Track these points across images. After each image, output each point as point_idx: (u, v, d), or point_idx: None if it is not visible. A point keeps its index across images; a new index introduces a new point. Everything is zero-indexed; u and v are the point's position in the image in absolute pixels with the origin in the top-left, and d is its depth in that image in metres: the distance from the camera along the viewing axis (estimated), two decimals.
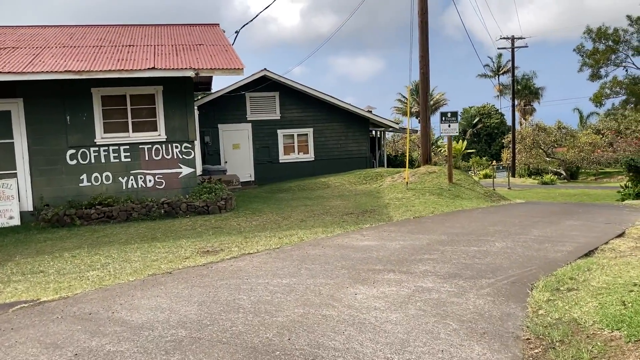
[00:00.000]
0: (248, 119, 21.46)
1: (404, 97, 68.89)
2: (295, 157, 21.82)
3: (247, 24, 57.11)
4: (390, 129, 25.55)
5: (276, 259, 7.02)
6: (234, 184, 16.27)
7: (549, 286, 4.93)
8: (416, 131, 36.39)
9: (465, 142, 21.13)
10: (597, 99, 18.65)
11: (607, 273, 5.40)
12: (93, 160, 12.29)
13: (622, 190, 18.07)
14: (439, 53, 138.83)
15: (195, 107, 17.29)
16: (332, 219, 10.65)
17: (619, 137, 48.60)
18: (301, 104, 21.79)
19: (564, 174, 43.26)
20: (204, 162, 20.58)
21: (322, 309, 4.62)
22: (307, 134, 21.86)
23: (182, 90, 12.54)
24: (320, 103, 21.87)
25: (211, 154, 21.27)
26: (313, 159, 21.94)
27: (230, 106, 21.25)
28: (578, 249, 6.86)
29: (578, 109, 57.22)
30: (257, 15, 45.50)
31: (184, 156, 12.67)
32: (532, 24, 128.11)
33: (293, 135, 21.73)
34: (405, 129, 31.93)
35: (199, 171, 15.90)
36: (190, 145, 12.71)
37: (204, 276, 6.27)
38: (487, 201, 13.57)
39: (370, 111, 23.63)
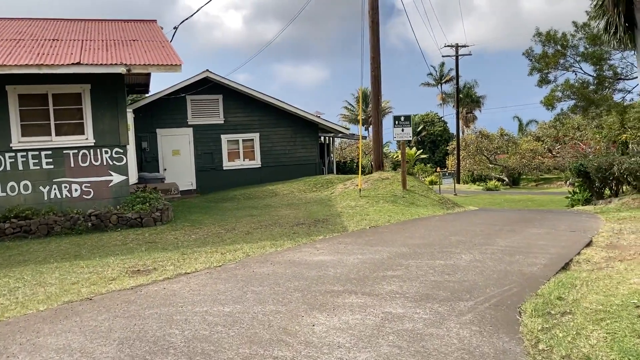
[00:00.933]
0: (189, 123, 20.20)
1: (350, 104, 68.85)
2: (240, 163, 20.73)
3: (186, 19, 55.13)
4: (340, 134, 24.91)
5: (217, 279, 6.04)
6: (173, 192, 15.04)
7: (539, 310, 4.22)
8: (365, 137, 36.05)
9: (415, 150, 20.59)
10: (549, 102, 18.66)
11: (595, 290, 4.78)
12: (9, 167, 10.82)
13: (570, 195, 18.10)
14: (383, 62, 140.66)
15: (131, 110, 15.96)
16: (282, 230, 9.74)
17: (557, 144, 50.41)
18: (247, 107, 20.76)
19: (507, 180, 44.24)
20: (140, 169, 19.16)
21: (274, 348, 3.71)
22: (253, 140, 20.83)
23: (112, 90, 11.29)
24: (267, 107, 20.93)
25: (149, 160, 19.86)
26: (260, 165, 20.93)
27: (170, 109, 19.93)
28: (553, 262, 6.27)
29: (518, 117, 58.89)
30: (197, 11, 43.65)
31: (114, 162, 11.40)
32: (470, 35, 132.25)
33: (238, 140, 20.64)
34: (354, 135, 31.44)
35: (133, 179, 14.58)
36: (121, 151, 11.46)
37: (130, 303, 5.22)
38: (442, 208, 13.04)
39: (319, 116, 22.94)
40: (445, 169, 46.83)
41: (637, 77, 18.22)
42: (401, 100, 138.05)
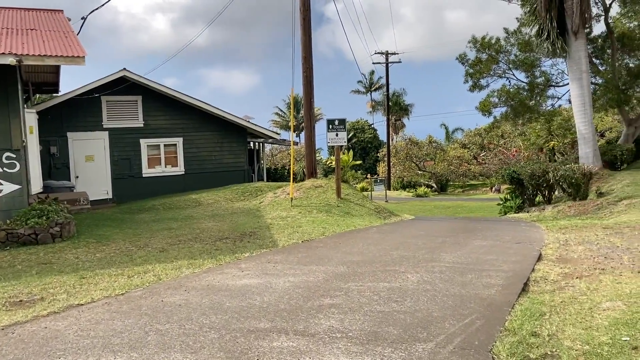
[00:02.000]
0: (104, 126, 18.42)
1: (282, 110, 67.95)
2: (161, 170, 19.15)
3: (96, 9, 51.42)
4: (270, 140, 23.83)
5: (116, 313, 4.85)
6: (82, 203, 13.37)
7: (516, 354, 3.39)
8: (297, 143, 35.18)
9: (351, 153, 19.82)
10: (485, 108, 18.50)
11: (569, 321, 4.06)
12: None
13: (502, 202, 18.00)
14: (314, 69, 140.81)
15: (34, 111, 14.11)
16: (203, 246, 8.55)
17: (482, 152, 51.93)
18: (169, 110, 19.24)
19: (435, 186, 44.87)
20: (49, 176, 17.20)
21: None
22: (175, 144, 19.32)
23: (2, 84, 9.65)
24: (192, 110, 19.51)
25: (59, 167, 17.89)
26: (183, 172, 19.44)
27: (82, 111, 18.07)
28: (509, 281, 5.56)
29: (444, 125, 60.30)
30: (107, 2, 41.00)
31: (5, 169, 9.75)
32: (398, 44, 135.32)
33: (159, 145, 19.05)
34: (286, 140, 30.47)
35: (37, 188, 12.80)
36: (14, 155, 9.82)
37: None
38: (379, 218, 12.30)
39: (249, 120, 21.78)
40: (376, 176, 46.93)
41: (567, 84, 18.58)
42: (332, 107, 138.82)
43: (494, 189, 42.13)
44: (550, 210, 13.51)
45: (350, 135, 64.90)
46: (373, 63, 49.29)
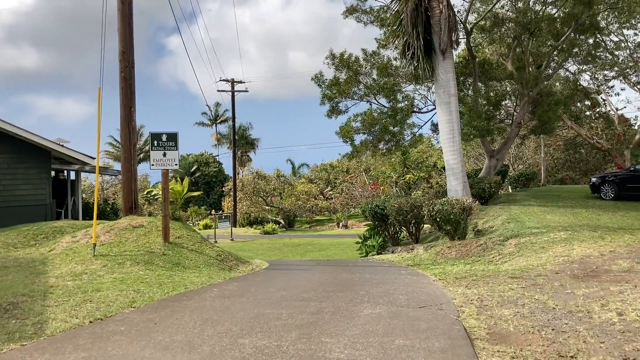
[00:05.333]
0: None
1: (116, 140, 61.34)
2: None
3: None
4: (88, 167, 19.27)
5: None
6: None
7: None
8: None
9: (187, 181, 15.99)
10: (347, 134, 16.35)
11: None
12: None
13: (361, 241, 15.95)
14: (155, 101, 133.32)
15: None
16: None
17: (328, 187, 51.51)
18: None
19: (283, 222, 42.79)
20: None
21: None
22: None
23: None
24: None
25: None
26: None
27: None
28: None
29: (290, 160, 59.51)
30: None
31: None
32: (247, 85, 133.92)
33: None
34: (108, 169, 25.79)
35: None
36: None
37: None
38: (223, 269, 9.15)
39: (62, 145, 17.26)
40: (222, 212, 43.37)
41: (431, 110, 17.52)
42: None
43: (340, 224, 41.27)
44: (423, 250, 11.60)
45: (194, 168, 60.85)
46: (218, 90, 46.05)
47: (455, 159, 13.33)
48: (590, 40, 17.60)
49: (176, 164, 9.52)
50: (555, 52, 16.97)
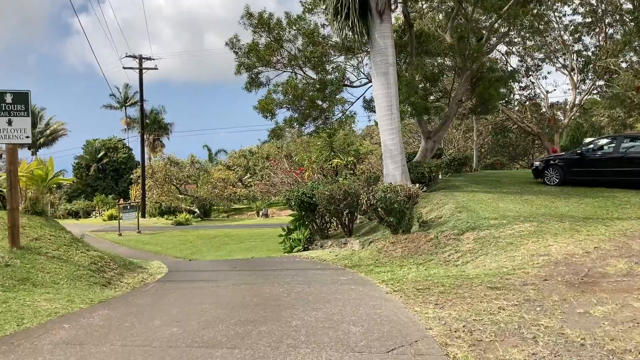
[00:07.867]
0: None
1: None
2: None
3: None
4: None
5: None
6: None
7: None
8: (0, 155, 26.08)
9: (51, 161, 11.37)
10: (267, 108, 13.81)
11: None
12: None
13: (284, 233, 13.76)
14: (60, 83, 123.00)
15: None
16: None
17: (247, 174, 48.87)
18: None
19: (198, 212, 39.80)
20: None
21: None
22: None
23: None
24: None
25: None
26: None
27: None
28: None
29: (207, 146, 56.06)
30: None
31: None
32: (157, 63, 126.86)
33: None
34: None
35: None
36: None
37: None
38: (95, 284, 6.59)
39: None
40: (129, 201, 39.54)
41: (364, 84, 15.51)
42: (81, 122, 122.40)
43: (261, 213, 39.00)
44: (359, 246, 9.63)
45: (101, 154, 55.88)
46: (124, 67, 41.61)
47: (393, 139, 11.47)
48: (535, 11, 16.47)
49: (27, 136, 6.78)
50: (496, 24, 15.64)
